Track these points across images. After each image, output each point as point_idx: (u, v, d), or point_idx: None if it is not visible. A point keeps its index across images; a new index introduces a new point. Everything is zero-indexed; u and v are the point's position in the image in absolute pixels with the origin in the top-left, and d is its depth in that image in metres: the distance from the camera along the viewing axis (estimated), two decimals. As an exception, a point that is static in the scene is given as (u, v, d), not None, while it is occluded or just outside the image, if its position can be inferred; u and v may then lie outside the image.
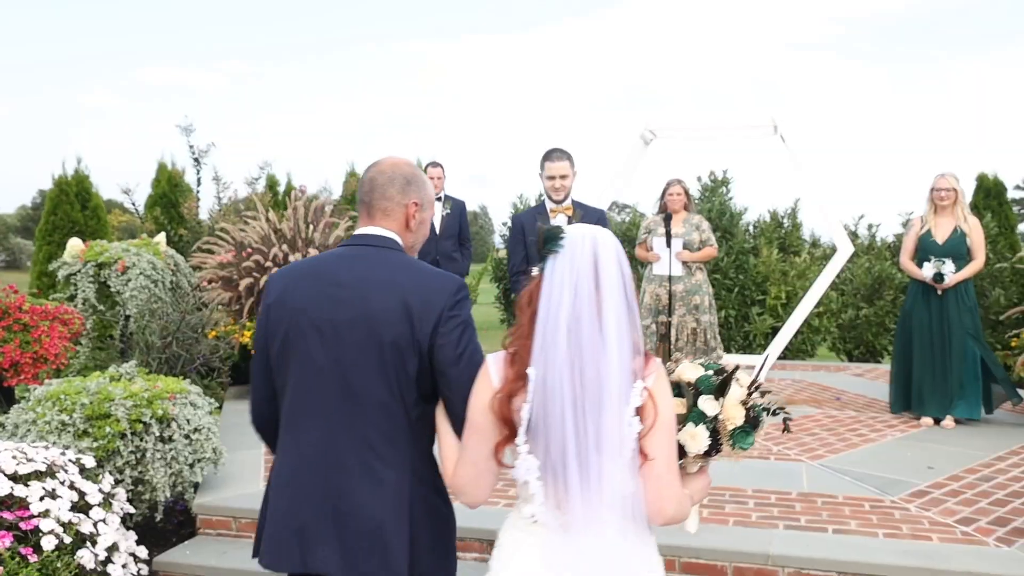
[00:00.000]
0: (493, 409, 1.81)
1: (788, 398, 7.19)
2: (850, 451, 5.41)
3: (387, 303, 2.03)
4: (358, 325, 2.03)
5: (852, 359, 10.32)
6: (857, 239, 10.95)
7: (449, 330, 2.01)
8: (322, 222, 7.51)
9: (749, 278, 10.27)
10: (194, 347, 6.48)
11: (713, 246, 7.16)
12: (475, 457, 1.88)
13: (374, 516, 2.01)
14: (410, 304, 2.02)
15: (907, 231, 6.55)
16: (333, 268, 2.12)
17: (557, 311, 1.75)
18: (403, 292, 2.04)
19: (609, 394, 1.74)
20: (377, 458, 2.03)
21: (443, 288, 2.06)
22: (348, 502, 2.02)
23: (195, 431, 4.50)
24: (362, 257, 2.13)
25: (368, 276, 2.08)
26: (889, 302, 9.98)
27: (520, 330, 1.82)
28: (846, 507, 4.30)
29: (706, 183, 11.06)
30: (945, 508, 4.28)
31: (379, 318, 2.02)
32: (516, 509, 1.92)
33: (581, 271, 1.78)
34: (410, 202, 2.19)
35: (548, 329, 1.75)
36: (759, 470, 4.96)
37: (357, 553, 2.00)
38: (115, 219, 17.77)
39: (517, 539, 1.87)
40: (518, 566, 1.83)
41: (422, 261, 2.18)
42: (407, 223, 2.19)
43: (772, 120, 7.65)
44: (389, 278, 2.07)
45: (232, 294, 7.06)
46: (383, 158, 2.24)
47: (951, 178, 6.16)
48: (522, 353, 1.80)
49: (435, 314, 2.02)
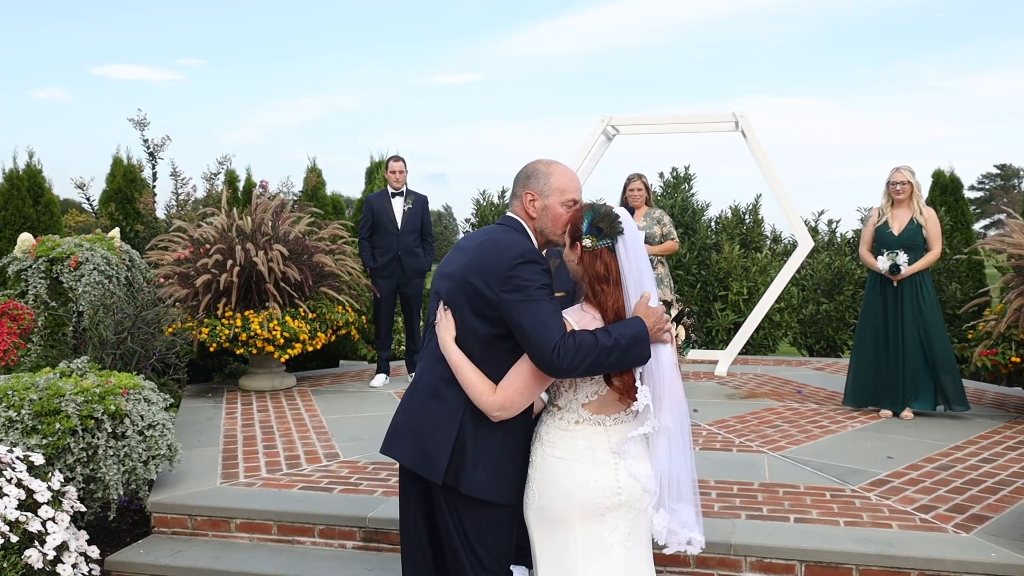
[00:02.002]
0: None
1: (750, 392, 7.24)
2: (811, 442, 5.45)
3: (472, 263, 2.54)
4: (454, 278, 2.57)
5: (813, 353, 10.43)
6: (818, 235, 11.07)
7: (511, 288, 2.44)
8: (286, 220, 7.41)
9: (711, 274, 10.33)
10: (150, 343, 6.35)
11: (675, 239, 7.18)
12: (537, 389, 2.44)
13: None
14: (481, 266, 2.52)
15: (865, 223, 6.62)
16: (464, 239, 2.73)
17: (633, 274, 2.42)
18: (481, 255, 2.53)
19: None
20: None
21: (506, 253, 2.50)
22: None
23: (149, 427, 4.40)
24: (483, 231, 2.69)
25: (471, 243, 2.64)
26: (849, 297, 10.10)
27: (606, 294, 2.41)
28: (807, 496, 4.32)
29: (668, 179, 11.11)
30: (904, 496, 4.32)
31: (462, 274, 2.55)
32: (564, 427, 2.46)
33: (633, 243, 2.43)
34: (525, 192, 2.66)
35: (632, 285, 2.41)
36: (721, 462, 4.97)
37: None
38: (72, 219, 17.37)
39: (588, 435, 2.43)
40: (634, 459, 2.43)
41: (520, 236, 2.61)
42: (527, 210, 2.67)
43: (733, 115, 7.70)
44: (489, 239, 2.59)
45: (189, 290, 6.93)
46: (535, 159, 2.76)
47: (906, 171, 6.24)
48: (614, 306, 2.41)
49: (500, 274, 2.46)
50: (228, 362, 8.21)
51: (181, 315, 6.97)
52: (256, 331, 6.82)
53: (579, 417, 2.45)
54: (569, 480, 2.40)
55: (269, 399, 7.08)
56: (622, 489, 2.39)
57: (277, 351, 7.01)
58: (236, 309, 6.93)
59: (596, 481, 2.39)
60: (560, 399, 2.48)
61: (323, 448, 5.41)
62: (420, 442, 2.56)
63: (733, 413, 6.35)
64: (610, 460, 2.40)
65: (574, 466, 2.41)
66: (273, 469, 4.96)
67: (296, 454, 5.29)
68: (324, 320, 7.30)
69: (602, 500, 2.39)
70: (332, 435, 5.74)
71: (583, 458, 2.41)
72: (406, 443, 2.61)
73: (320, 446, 5.47)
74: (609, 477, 2.39)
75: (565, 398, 2.47)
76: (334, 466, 4.98)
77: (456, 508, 2.54)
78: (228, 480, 4.75)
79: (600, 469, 2.40)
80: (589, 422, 2.44)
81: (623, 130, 8.30)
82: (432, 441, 2.53)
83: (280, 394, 7.31)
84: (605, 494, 2.39)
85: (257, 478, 4.79)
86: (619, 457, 2.40)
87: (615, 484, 2.39)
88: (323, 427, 6.00)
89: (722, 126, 7.94)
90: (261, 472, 4.90)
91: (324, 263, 7.25)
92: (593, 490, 2.38)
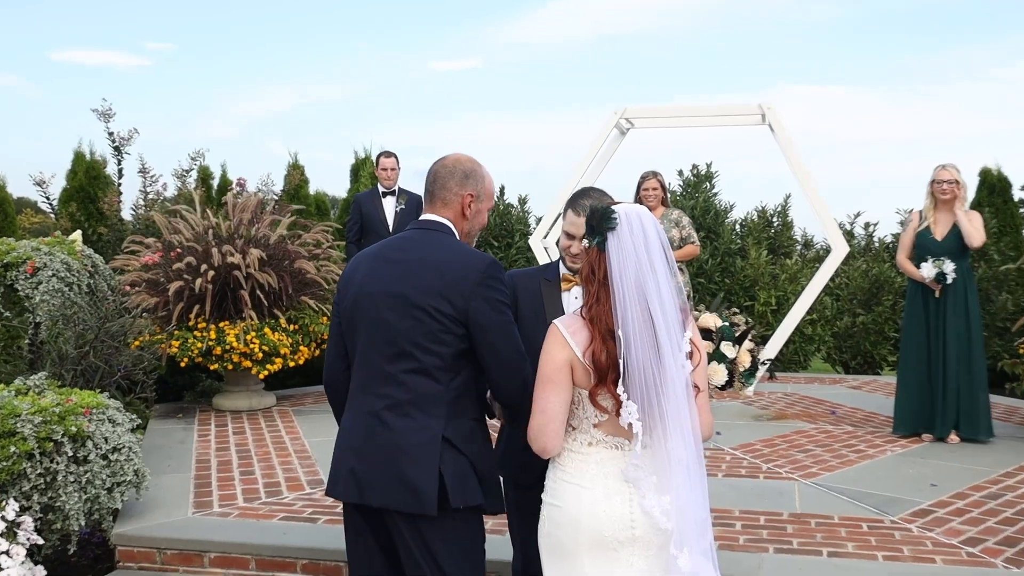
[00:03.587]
0: (594, 360, 2.35)
1: (779, 413, 7.24)
2: (846, 468, 5.46)
3: (425, 277, 2.59)
4: (398, 296, 2.60)
5: (849, 370, 10.44)
6: (853, 239, 11.10)
7: (479, 303, 2.54)
8: (265, 220, 7.44)
9: (736, 282, 10.35)
10: (114, 358, 6.36)
11: (695, 243, 7.20)
12: (544, 406, 2.42)
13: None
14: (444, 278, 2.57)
15: (905, 227, 6.64)
16: (395, 247, 2.72)
17: (627, 278, 2.33)
18: (439, 268, 2.59)
19: (671, 343, 2.34)
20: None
21: (473, 266, 2.58)
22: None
23: (114, 451, 4.41)
24: (414, 239, 2.70)
25: (414, 255, 2.65)
26: (888, 307, 10.11)
27: (592, 298, 2.38)
28: (842, 528, 4.33)
29: (688, 178, 11.14)
30: (950, 528, 4.33)
31: (415, 290, 2.59)
32: (577, 449, 2.46)
33: (637, 243, 2.35)
34: (465, 193, 2.71)
35: (625, 294, 2.32)
36: (747, 489, 4.98)
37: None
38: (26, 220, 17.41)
39: (602, 461, 2.42)
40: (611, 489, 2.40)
41: (462, 243, 2.70)
42: (463, 212, 2.72)
43: (760, 107, 7.73)
44: (428, 256, 2.63)
45: (159, 299, 6.96)
46: (449, 154, 2.78)
47: (952, 169, 6.24)
48: (600, 316, 2.35)
49: (467, 289, 2.54)
50: (201, 379, 8.23)
51: (149, 327, 7.00)
52: (232, 344, 6.84)
53: (592, 438, 2.44)
54: (577, 507, 2.40)
55: (246, 420, 7.10)
56: (636, 522, 2.37)
57: (255, 367, 7.02)
58: (210, 320, 6.95)
59: (606, 511, 2.37)
60: (573, 418, 2.47)
61: (306, 474, 5.42)
62: (397, 477, 2.56)
63: (760, 436, 6.36)
64: (624, 489, 2.38)
65: (582, 492, 2.40)
66: (251, 497, 4.97)
67: (276, 481, 5.29)
68: (307, 332, 7.32)
69: (613, 532, 2.37)
70: (316, 460, 5.75)
71: (593, 484, 2.40)
72: (376, 484, 2.59)
73: (303, 472, 5.48)
74: (621, 507, 2.38)
75: (577, 417, 2.46)
76: (318, 494, 4.99)
77: (419, 531, 2.57)
78: (201, 510, 4.76)
79: (612, 498, 2.38)
80: (604, 444, 2.43)
81: (638, 123, 8.33)
82: (412, 472, 2.54)
83: (258, 414, 7.33)
84: (617, 526, 2.37)
85: (233, 507, 4.79)
86: (635, 486, 2.38)
87: (628, 515, 2.37)
88: (306, 451, 6.01)
89: (747, 119, 7.96)
90: (237, 501, 4.91)
91: (306, 269, 7.28)
92: (603, 520, 2.37)
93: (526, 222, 11.20)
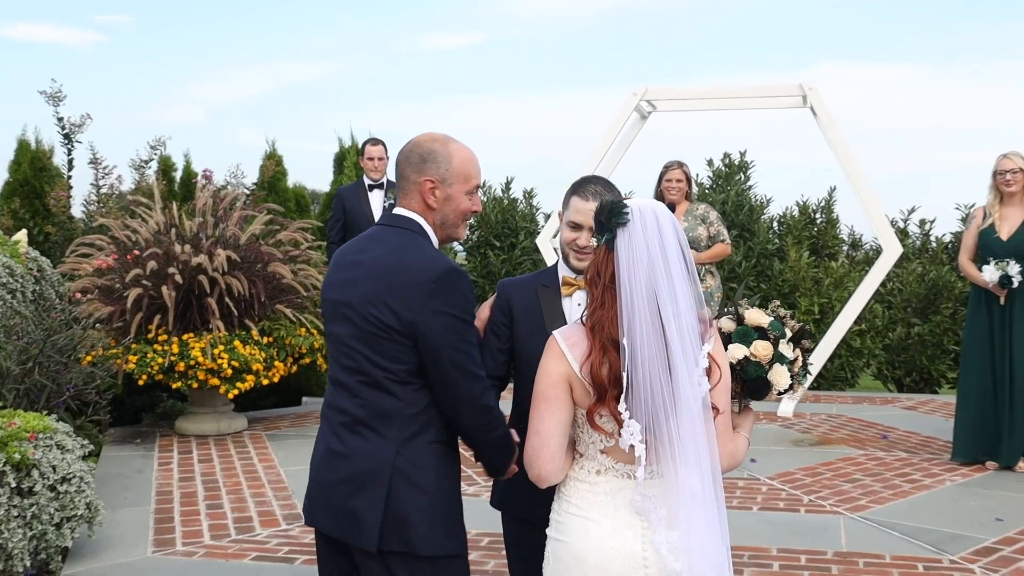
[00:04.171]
0: (593, 374, 2.32)
1: (823, 437, 7.25)
2: (899, 501, 5.46)
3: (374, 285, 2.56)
4: (345, 304, 2.59)
5: (902, 389, 10.43)
6: (907, 239, 11.10)
7: (428, 317, 2.49)
8: (234, 216, 7.46)
9: (773, 287, 10.36)
10: (63, 375, 6.39)
11: (726, 242, 7.21)
12: (539, 426, 2.41)
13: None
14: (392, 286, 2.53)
15: (967, 226, 6.65)
16: (354, 249, 2.70)
17: (637, 281, 2.30)
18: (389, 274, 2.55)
19: (685, 358, 2.30)
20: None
21: (424, 274, 2.52)
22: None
23: (63, 481, 4.43)
24: (375, 238, 2.67)
25: (368, 257, 2.63)
26: (948, 317, 10.11)
27: (596, 302, 2.36)
28: (895, 569, 4.34)
29: (719, 168, 11.16)
30: (1017, 568, 4.33)
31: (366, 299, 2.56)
32: (584, 478, 2.44)
33: (651, 243, 2.32)
34: (424, 179, 2.63)
35: (633, 299, 2.30)
36: (786, 525, 4.98)
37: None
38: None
39: (611, 491, 2.41)
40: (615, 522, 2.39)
41: (423, 243, 2.63)
42: (426, 201, 2.64)
43: (801, 87, 7.75)
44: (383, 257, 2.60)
45: (114, 308, 6.97)
46: (414, 136, 2.71)
47: (1017, 158, 6.23)
48: (603, 323, 2.33)
49: (415, 300, 2.50)
50: (162, 399, 8.25)
51: (103, 340, 7.01)
52: (197, 359, 6.86)
53: (600, 465, 2.44)
54: (583, 542, 2.40)
55: (213, 446, 7.12)
56: (649, 561, 2.36)
57: (223, 385, 7.04)
58: (172, 331, 6.97)
59: (616, 547, 2.37)
60: (579, 443, 2.48)
61: (281, 508, 5.44)
62: (342, 503, 2.58)
63: (801, 464, 6.37)
64: (636, 523, 2.38)
65: (589, 525, 2.40)
66: (219, 534, 4.98)
67: (247, 515, 5.31)
68: (283, 345, 7.34)
69: (623, 571, 2.37)
70: (292, 491, 5.76)
71: (601, 516, 2.40)
72: (324, 508, 2.63)
73: (278, 505, 5.50)
74: (633, 543, 2.37)
75: (583, 442, 2.47)
76: (295, 530, 5.00)
77: (370, 568, 2.56)
78: (162, 548, 4.77)
79: (623, 532, 2.38)
80: (613, 472, 2.43)
81: (660, 106, 8.36)
82: (356, 499, 2.55)
83: (227, 439, 7.35)
84: (627, 564, 2.37)
85: (199, 546, 4.81)
86: (646, 519, 2.38)
87: (640, 553, 2.36)
88: (281, 481, 6.03)
89: (786, 101, 8.00)
90: (204, 538, 4.93)
91: (281, 274, 7.30)
92: (612, 557, 2.37)
93: (533, 219, 11.22)
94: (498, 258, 10.77)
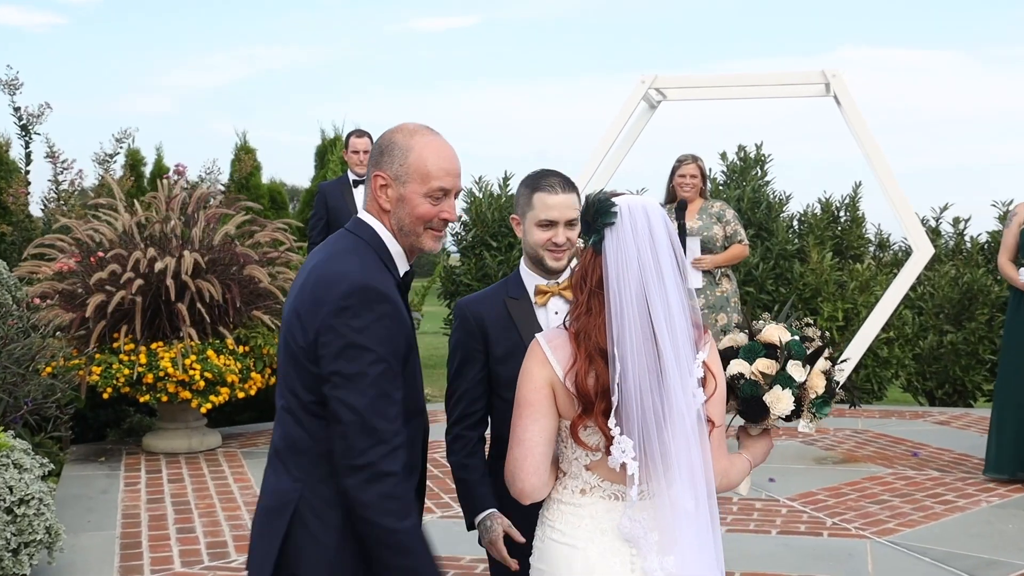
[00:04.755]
0: (578, 385, 2.31)
1: (847, 454, 7.26)
2: (931, 523, 5.47)
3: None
4: (284, 319, 2.47)
5: (934, 402, 10.44)
6: (940, 239, 11.11)
7: (327, 338, 2.29)
8: (204, 215, 7.46)
9: (793, 291, 10.36)
10: (20, 388, 6.38)
11: (743, 243, 7.22)
12: (521, 435, 2.39)
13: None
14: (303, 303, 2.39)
15: (1007, 224, 6.66)
16: (312, 253, 2.55)
17: (627, 286, 2.30)
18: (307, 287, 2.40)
19: (679, 367, 2.30)
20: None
21: (333, 289, 2.33)
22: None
23: (20, 503, 4.43)
24: (325, 243, 2.52)
25: (309, 264, 2.49)
26: (984, 324, 10.12)
27: (580, 308, 2.36)
28: (926, 598, 4.34)
29: (734, 162, 11.16)
30: (1059, 598, 4.34)
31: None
32: (567, 500, 2.43)
33: (641, 243, 2.32)
34: (375, 175, 2.45)
35: (623, 306, 2.29)
36: (807, 549, 4.99)
37: None
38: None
39: (597, 515, 2.39)
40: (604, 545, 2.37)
41: (365, 253, 2.42)
42: (378, 201, 2.46)
43: (823, 74, 7.75)
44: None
45: (76, 315, 6.98)
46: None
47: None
48: (589, 330, 2.33)
49: (319, 316, 2.32)
50: (128, 413, 8.25)
51: (64, 349, 7.01)
52: (167, 371, 6.86)
53: (585, 484, 2.42)
54: (567, 572, 2.39)
55: (185, 464, 7.12)
56: None
57: (196, 398, 7.04)
58: (140, 340, 6.97)
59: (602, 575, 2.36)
60: (563, 460, 2.46)
61: (259, 532, 5.44)
62: (253, 536, 2.50)
63: (824, 483, 6.37)
64: (623, 549, 2.36)
65: (574, 553, 2.38)
66: (191, 560, 4.98)
67: (222, 540, 5.31)
68: (260, 355, 7.34)
69: None
70: (271, 514, 5.75)
71: (587, 543, 2.38)
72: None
73: (254, 529, 5.49)
74: (621, 571, 2.36)
75: (566, 457, 2.45)
76: (274, 556, 5.00)
77: None
78: (128, 576, 4.78)
79: (609, 559, 2.36)
80: (599, 492, 2.41)
81: (671, 94, 8.35)
82: (259, 539, 2.44)
83: (199, 457, 7.35)
84: None
85: (168, 573, 4.81)
86: (635, 546, 2.35)
87: None
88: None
89: (807, 89, 7.99)
90: (174, 565, 4.92)
91: (257, 277, 7.30)
92: None
93: (532, 218, 11.21)
94: (495, 259, 10.77)
